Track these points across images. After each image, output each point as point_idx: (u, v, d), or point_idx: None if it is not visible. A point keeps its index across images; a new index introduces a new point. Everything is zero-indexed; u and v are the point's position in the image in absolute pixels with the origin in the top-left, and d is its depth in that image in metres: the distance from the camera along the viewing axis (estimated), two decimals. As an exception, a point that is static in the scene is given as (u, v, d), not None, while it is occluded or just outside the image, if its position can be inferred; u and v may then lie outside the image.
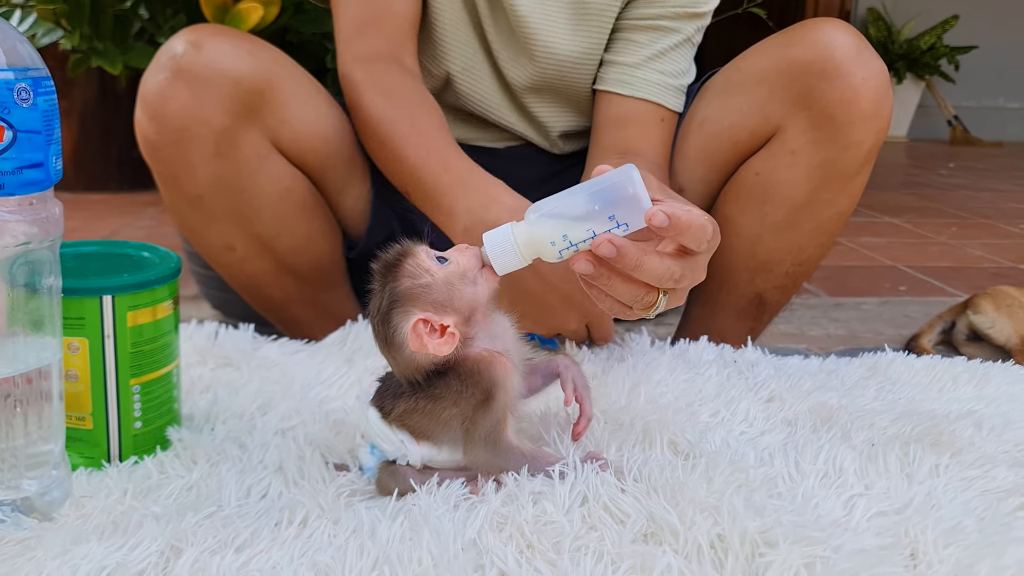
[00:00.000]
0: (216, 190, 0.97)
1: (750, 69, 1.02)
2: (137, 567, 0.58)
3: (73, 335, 0.73)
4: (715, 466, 0.68)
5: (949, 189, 3.21)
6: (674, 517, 0.60)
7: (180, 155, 0.94)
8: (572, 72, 1.06)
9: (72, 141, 2.57)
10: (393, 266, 0.65)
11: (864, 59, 0.94)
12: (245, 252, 1.03)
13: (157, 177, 0.99)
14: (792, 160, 0.98)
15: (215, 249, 1.04)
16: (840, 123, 0.95)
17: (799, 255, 1.04)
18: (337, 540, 0.60)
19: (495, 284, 0.65)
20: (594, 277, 0.62)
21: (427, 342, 0.63)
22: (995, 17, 4.86)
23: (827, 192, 0.99)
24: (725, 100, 1.04)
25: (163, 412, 0.79)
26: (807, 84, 0.95)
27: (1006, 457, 0.75)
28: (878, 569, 0.55)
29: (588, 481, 0.65)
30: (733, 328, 1.10)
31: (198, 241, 1.04)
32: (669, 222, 0.59)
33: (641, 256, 0.60)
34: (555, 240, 0.62)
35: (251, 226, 1.01)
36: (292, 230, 1.03)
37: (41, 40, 1.46)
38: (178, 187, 0.97)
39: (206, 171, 0.96)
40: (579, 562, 0.57)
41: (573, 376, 0.71)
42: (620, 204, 0.60)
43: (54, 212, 0.63)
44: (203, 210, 0.99)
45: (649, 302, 0.64)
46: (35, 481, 0.66)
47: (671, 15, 1.01)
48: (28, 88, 0.59)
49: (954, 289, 1.77)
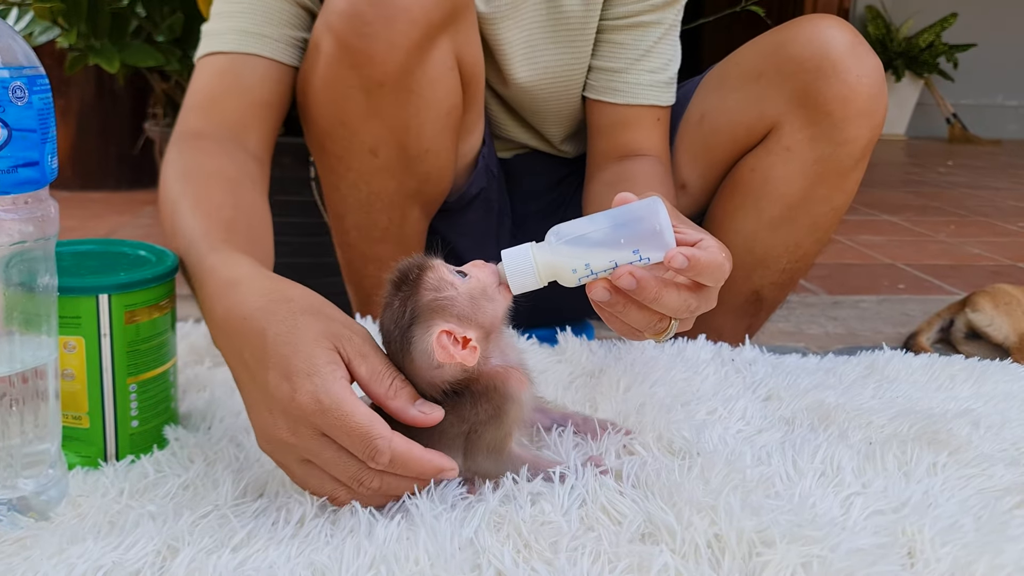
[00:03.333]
0: (399, 83, 0.92)
1: (747, 65, 1.02)
2: (133, 566, 0.58)
3: (69, 334, 0.73)
4: (711, 466, 0.68)
5: (948, 187, 3.21)
6: (671, 517, 0.60)
7: (387, 34, 0.89)
8: (564, 89, 1.06)
9: (70, 139, 2.56)
10: (412, 279, 0.64)
11: (859, 55, 0.94)
12: (385, 163, 0.98)
13: (346, 53, 0.90)
14: (788, 156, 0.99)
15: (358, 148, 0.97)
16: (836, 119, 0.95)
17: (795, 251, 1.05)
18: (334, 539, 0.60)
19: (509, 302, 0.66)
20: (610, 304, 0.64)
21: (453, 352, 0.61)
22: (994, 15, 4.86)
23: (823, 188, 1.00)
24: (723, 96, 1.04)
25: (160, 411, 0.78)
26: (803, 81, 0.95)
27: (1003, 456, 0.75)
28: (875, 568, 0.55)
29: (587, 484, 0.65)
30: (731, 325, 1.10)
31: (345, 134, 0.97)
32: (688, 264, 0.61)
33: (660, 290, 0.62)
34: (576, 268, 0.63)
35: (407, 136, 0.96)
36: (439, 152, 0.99)
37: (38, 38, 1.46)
38: (366, 67, 0.90)
39: (401, 58, 0.90)
40: (576, 561, 0.57)
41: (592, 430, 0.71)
42: (644, 239, 0.61)
43: (50, 211, 0.63)
44: (375, 101, 0.93)
45: (661, 328, 0.66)
46: (31, 480, 0.66)
47: (648, 7, 1.00)
48: (23, 86, 0.59)
49: (952, 287, 1.78)
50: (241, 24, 0.94)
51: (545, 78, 1.04)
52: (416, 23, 0.88)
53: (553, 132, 1.11)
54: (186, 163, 0.87)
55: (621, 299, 0.63)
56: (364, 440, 0.59)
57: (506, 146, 1.15)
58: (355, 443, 0.59)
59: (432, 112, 0.95)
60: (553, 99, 1.06)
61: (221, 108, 0.93)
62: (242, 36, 0.93)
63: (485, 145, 1.07)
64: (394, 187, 1.00)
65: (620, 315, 0.64)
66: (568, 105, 1.07)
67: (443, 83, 0.94)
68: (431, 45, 0.90)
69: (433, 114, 0.95)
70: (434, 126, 0.96)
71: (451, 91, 0.96)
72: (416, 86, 0.92)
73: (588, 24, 1.02)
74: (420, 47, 0.90)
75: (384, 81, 0.91)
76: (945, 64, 4.77)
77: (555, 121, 1.10)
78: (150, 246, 0.83)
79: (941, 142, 4.78)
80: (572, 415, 0.76)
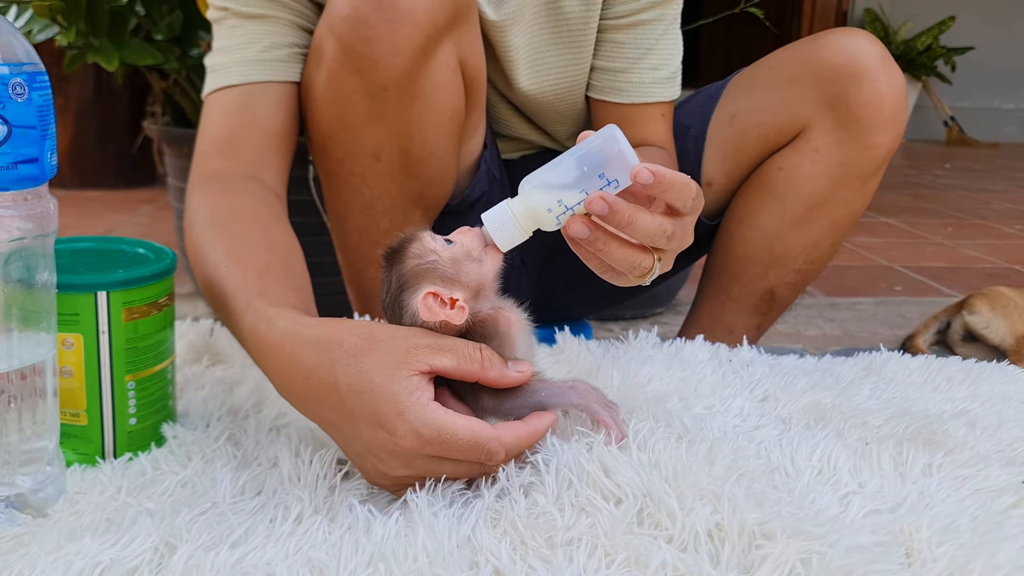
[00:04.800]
0: (402, 88, 0.91)
1: (779, 69, 1.05)
2: (131, 563, 0.57)
3: (68, 331, 0.73)
4: (718, 449, 0.68)
5: (945, 189, 3.21)
6: (674, 501, 0.60)
7: (390, 38, 0.88)
8: (567, 90, 1.06)
9: (68, 138, 2.56)
10: (399, 251, 0.66)
11: (889, 68, 0.99)
12: (388, 167, 0.98)
13: (349, 57, 0.90)
14: (815, 157, 1.02)
15: (361, 152, 0.97)
16: (864, 125, 0.99)
17: (812, 252, 1.07)
18: (332, 537, 0.60)
19: (500, 261, 0.67)
20: (590, 241, 0.64)
21: (438, 312, 0.64)
22: (991, 18, 4.87)
23: (844, 191, 1.03)
24: (756, 97, 1.07)
25: (158, 408, 0.78)
26: (838, 86, 0.99)
27: (999, 456, 0.75)
28: (874, 566, 0.55)
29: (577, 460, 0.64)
30: (742, 322, 1.12)
31: (348, 138, 0.97)
32: (654, 178, 0.61)
33: (633, 212, 0.62)
34: (551, 207, 0.63)
35: (409, 141, 0.96)
36: (441, 156, 0.99)
37: (37, 36, 1.46)
38: (370, 72, 0.90)
39: (405, 63, 0.90)
40: (572, 557, 0.57)
41: (594, 402, 0.70)
42: (608, 162, 0.62)
43: (49, 208, 0.63)
44: (378, 105, 0.93)
45: (645, 268, 0.66)
46: (29, 477, 0.66)
47: (647, 5, 1.01)
48: (23, 83, 0.59)
49: (949, 289, 1.78)
50: (245, 53, 0.93)
51: (549, 80, 1.04)
52: (420, 27, 0.88)
53: (560, 131, 1.12)
54: (212, 208, 0.85)
55: (601, 234, 0.64)
56: (476, 451, 0.61)
57: (513, 146, 1.15)
58: (469, 455, 0.62)
59: (435, 116, 0.95)
60: (558, 100, 1.07)
61: (237, 147, 0.92)
62: (248, 66, 0.92)
63: (487, 148, 1.07)
64: (396, 191, 1.00)
65: (601, 252, 0.65)
66: (573, 106, 1.08)
67: (446, 87, 0.94)
68: (434, 49, 0.90)
69: (436, 118, 0.95)
70: (437, 130, 0.96)
71: (454, 95, 0.96)
72: (419, 90, 0.92)
73: (589, 24, 1.02)
74: (424, 51, 0.89)
75: (387, 85, 0.91)
76: (943, 67, 4.78)
77: (561, 120, 1.10)
78: (149, 244, 0.83)
79: (939, 144, 4.79)
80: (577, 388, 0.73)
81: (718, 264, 1.12)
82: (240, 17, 0.93)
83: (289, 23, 0.94)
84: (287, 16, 0.94)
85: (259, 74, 0.93)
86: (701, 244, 1.13)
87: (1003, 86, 5.02)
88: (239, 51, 0.93)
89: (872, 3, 4.81)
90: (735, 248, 1.09)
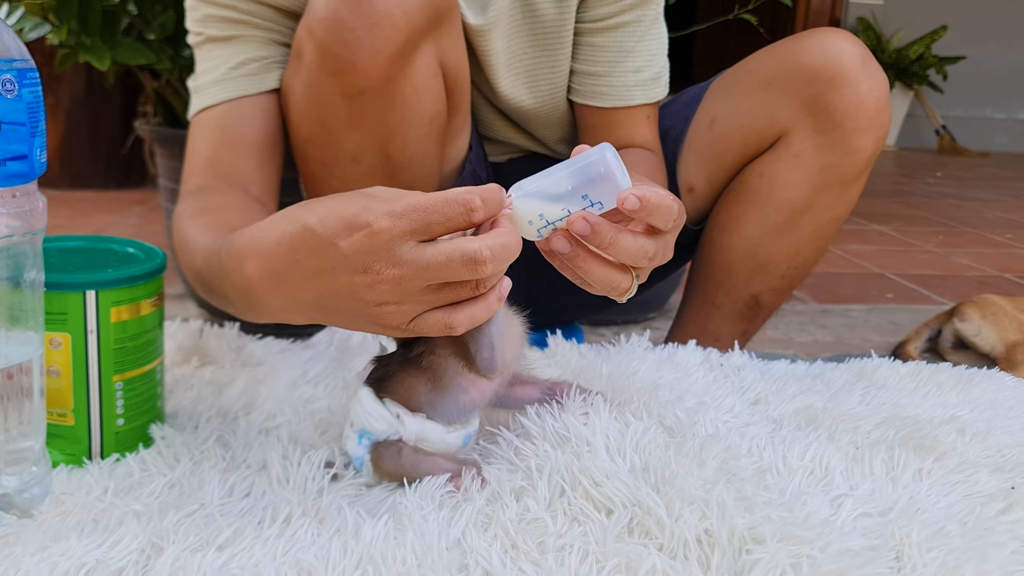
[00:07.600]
0: (381, 91, 0.91)
1: (759, 72, 1.04)
2: (117, 564, 0.57)
3: (55, 330, 0.72)
4: (709, 449, 0.67)
5: (936, 198, 3.23)
6: (662, 510, 0.60)
7: (369, 40, 0.88)
8: (548, 94, 1.05)
9: (59, 137, 2.55)
10: None
11: (870, 69, 0.97)
12: (368, 170, 0.97)
13: (327, 60, 0.90)
14: (796, 163, 1.01)
15: (341, 155, 0.97)
16: (845, 129, 0.98)
17: (796, 258, 1.06)
18: (320, 539, 0.60)
19: None
20: (570, 258, 0.63)
21: None
22: (983, 28, 4.90)
23: (826, 196, 1.02)
24: (735, 101, 1.06)
25: (146, 409, 0.78)
26: (816, 90, 0.98)
27: (988, 462, 0.75)
28: (864, 571, 0.55)
29: (569, 469, 0.64)
30: (727, 330, 1.11)
31: (328, 141, 0.96)
32: (640, 204, 0.61)
33: (615, 234, 0.62)
34: (532, 219, 0.63)
35: (390, 144, 0.95)
36: (423, 160, 0.98)
37: (28, 35, 1.45)
38: (348, 75, 0.90)
39: (383, 65, 0.89)
40: (563, 561, 0.57)
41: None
42: (595, 184, 0.61)
43: (37, 205, 0.63)
44: (357, 108, 0.93)
45: (623, 288, 0.66)
46: (15, 477, 0.65)
47: (625, 7, 1.00)
48: (13, 79, 0.59)
49: (940, 297, 1.78)
50: (218, 73, 0.93)
51: (527, 84, 1.04)
52: (399, 29, 0.88)
53: (547, 135, 1.11)
54: (194, 206, 0.86)
55: (581, 251, 0.63)
56: (455, 207, 0.58)
57: (500, 150, 1.15)
58: (450, 225, 0.58)
59: (416, 119, 0.95)
60: (539, 104, 1.06)
61: (219, 165, 0.92)
62: (223, 84, 0.93)
63: (472, 150, 1.06)
64: None
65: (582, 271, 0.64)
66: (556, 109, 1.07)
67: (427, 90, 0.94)
68: (414, 51, 0.90)
69: (417, 121, 0.95)
70: (418, 133, 0.96)
71: (435, 98, 0.95)
72: (399, 93, 0.92)
73: (564, 27, 1.01)
74: (403, 53, 0.89)
75: (366, 88, 0.90)
76: (935, 76, 4.80)
77: (547, 125, 1.10)
78: (139, 243, 0.83)
79: (930, 153, 4.81)
80: (556, 383, 0.77)
81: (702, 272, 1.11)
82: (214, 41, 0.93)
83: (262, 40, 0.94)
84: (259, 34, 0.94)
85: (233, 90, 0.93)
86: (686, 251, 1.13)
87: (994, 96, 5.05)
88: (213, 72, 0.93)
89: (865, 12, 4.84)
90: (719, 256, 1.08)
